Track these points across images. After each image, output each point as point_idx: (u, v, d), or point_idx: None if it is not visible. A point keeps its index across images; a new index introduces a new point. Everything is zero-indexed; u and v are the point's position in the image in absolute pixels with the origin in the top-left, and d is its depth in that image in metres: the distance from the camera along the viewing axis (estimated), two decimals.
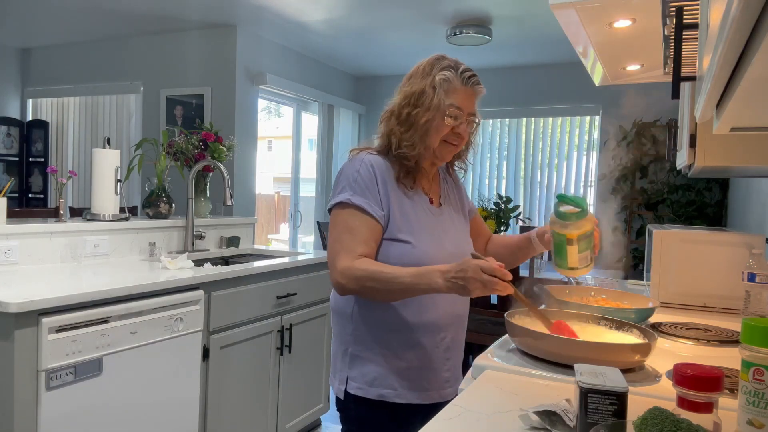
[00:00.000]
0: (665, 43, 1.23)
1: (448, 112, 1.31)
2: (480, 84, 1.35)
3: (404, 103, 1.34)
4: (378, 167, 1.35)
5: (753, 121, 0.71)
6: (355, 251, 1.28)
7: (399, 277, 1.22)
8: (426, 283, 1.20)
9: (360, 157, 1.37)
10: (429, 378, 1.36)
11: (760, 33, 0.44)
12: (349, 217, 1.31)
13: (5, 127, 5.31)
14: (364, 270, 1.24)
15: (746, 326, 0.73)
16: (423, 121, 1.31)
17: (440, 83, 1.31)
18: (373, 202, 1.31)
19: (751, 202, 2.93)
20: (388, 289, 1.24)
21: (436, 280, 1.18)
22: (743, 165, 1.38)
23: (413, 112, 1.32)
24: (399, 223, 1.33)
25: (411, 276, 1.21)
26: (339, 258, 1.28)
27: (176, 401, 2.07)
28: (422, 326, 1.34)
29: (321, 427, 3.07)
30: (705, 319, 1.69)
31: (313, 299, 2.83)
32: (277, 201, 7.36)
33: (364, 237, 1.29)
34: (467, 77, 1.33)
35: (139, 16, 4.32)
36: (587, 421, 0.77)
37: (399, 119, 1.35)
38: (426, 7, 3.84)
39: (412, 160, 1.35)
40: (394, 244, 1.32)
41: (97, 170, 2.48)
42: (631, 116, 4.86)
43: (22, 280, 1.91)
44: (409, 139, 1.33)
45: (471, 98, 1.34)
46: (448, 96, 1.31)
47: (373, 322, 1.34)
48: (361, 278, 1.24)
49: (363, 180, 1.32)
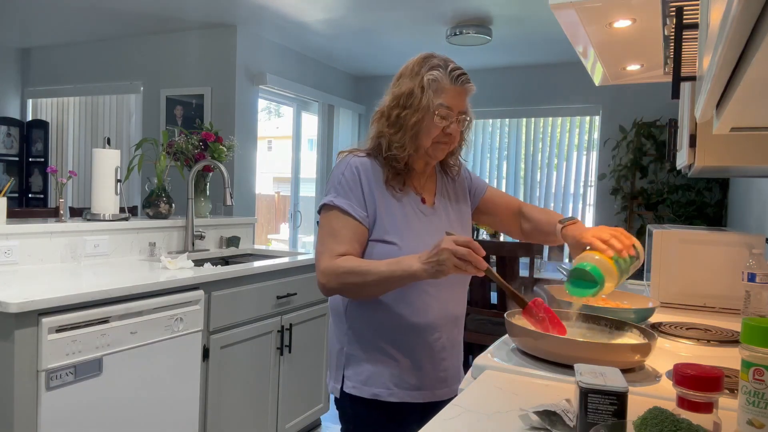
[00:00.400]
0: (665, 43, 1.23)
1: (438, 112, 1.30)
2: (470, 82, 1.34)
3: (393, 104, 1.34)
4: (364, 169, 1.34)
5: (753, 121, 0.71)
6: (335, 252, 1.29)
7: (376, 268, 1.23)
8: (402, 270, 1.20)
9: (346, 159, 1.37)
10: (423, 378, 1.36)
11: (760, 33, 0.44)
12: (333, 219, 1.32)
13: (5, 127, 5.31)
14: (342, 267, 1.25)
15: (746, 326, 0.73)
16: (412, 122, 1.31)
17: (429, 83, 1.30)
18: (356, 203, 1.32)
19: (751, 202, 2.93)
20: (366, 281, 1.24)
21: (411, 264, 1.18)
22: (743, 165, 1.37)
23: (402, 114, 1.32)
24: (386, 224, 1.32)
25: (387, 265, 1.22)
26: (321, 259, 1.30)
27: (176, 401, 2.07)
28: (416, 326, 1.33)
29: (321, 427, 3.07)
30: (705, 319, 1.69)
31: (313, 299, 2.83)
32: (277, 201, 7.36)
33: (346, 238, 1.30)
34: (456, 76, 1.31)
35: (139, 16, 4.32)
36: (587, 421, 0.77)
37: (389, 121, 1.34)
38: (426, 8, 3.84)
39: (402, 161, 1.35)
40: (380, 245, 1.32)
41: (97, 170, 2.48)
42: (631, 116, 4.86)
43: (22, 280, 1.91)
44: (399, 141, 1.33)
45: (461, 97, 1.33)
46: (437, 96, 1.30)
47: (366, 321, 1.35)
48: (340, 275, 1.25)
49: (347, 182, 1.33)
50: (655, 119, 4.73)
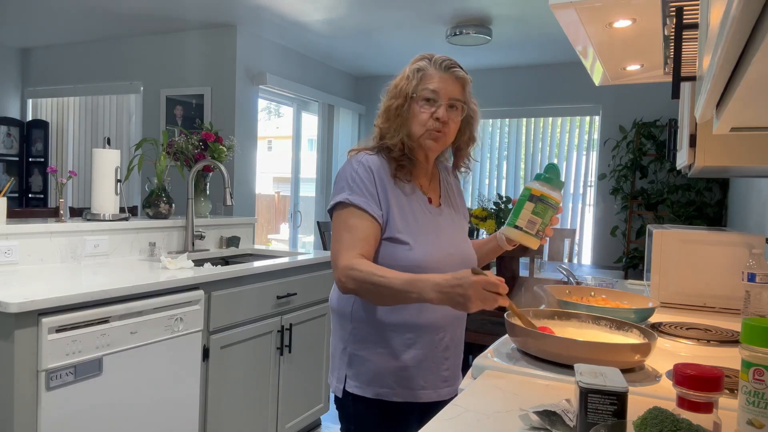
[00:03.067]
0: (665, 43, 1.23)
1: (422, 95, 1.33)
2: (456, 68, 1.36)
3: (385, 99, 1.40)
4: (375, 167, 1.36)
5: (753, 121, 0.71)
6: (354, 249, 1.29)
7: (391, 283, 1.21)
8: (417, 293, 1.19)
9: (358, 157, 1.38)
10: (427, 377, 1.36)
11: (760, 33, 0.44)
12: (349, 216, 1.32)
13: (5, 127, 5.32)
14: (362, 272, 1.24)
15: (746, 326, 0.73)
16: (395, 107, 1.35)
17: (413, 72, 1.35)
18: (372, 201, 1.32)
19: (751, 202, 2.93)
20: (380, 293, 1.24)
21: (428, 292, 1.18)
22: (743, 165, 1.37)
23: (389, 103, 1.37)
24: (398, 222, 1.33)
25: (403, 283, 1.21)
26: (340, 256, 1.29)
27: (176, 401, 2.07)
28: (421, 326, 1.34)
29: (321, 427, 3.07)
30: (705, 319, 1.69)
31: (313, 299, 2.83)
32: (277, 201, 7.36)
33: (363, 235, 1.30)
34: (441, 62, 1.35)
35: (139, 16, 4.32)
36: (587, 421, 0.77)
37: (381, 114, 1.40)
38: (426, 7, 3.84)
39: (397, 149, 1.36)
40: (393, 245, 1.32)
41: (97, 170, 2.48)
42: (631, 116, 4.86)
43: (22, 280, 1.91)
44: (388, 129, 1.37)
45: (447, 82, 1.34)
46: (422, 83, 1.34)
47: (372, 322, 1.35)
48: (358, 279, 1.25)
49: (361, 179, 1.33)
50: (655, 119, 4.73)
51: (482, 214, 3.81)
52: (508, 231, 1.36)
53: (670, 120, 2.01)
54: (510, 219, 1.36)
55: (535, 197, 1.33)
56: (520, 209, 1.34)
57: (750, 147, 1.32)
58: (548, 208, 1.33)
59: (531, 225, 1.33)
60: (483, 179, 5.59)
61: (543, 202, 1.32)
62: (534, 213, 1.32)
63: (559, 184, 1.34)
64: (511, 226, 1.35)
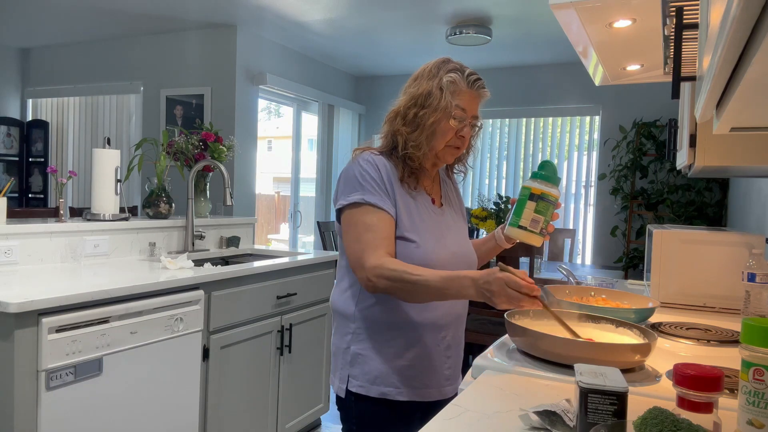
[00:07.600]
0: (665, 43, 1.23)
1: (454, 114, 1.32)
2: (485, 88, 1.37)
3: (410, 104, 1.35)
4: (383, 166, 1.35)
5: (753, 121, 0.71)
6: (379, 248, 1.27)
7: (427, 281, 1.21)
8: (456, 289, 1.19)
9: (364, 156, 1.37)
10: (430, 376, 1.37)
11: (760, 33, 0.44)
12: (366, 215, 1.31)
13: (5, 127, 5.31)
14: (393, 270, 1.23)
15: (746, 326, 0.73)
16: (430, 122, 1.32)
17: (447, 85, 1.32)
18: (387, 198, 1.32)
19: (751, 202, 2.93)
20: (416, 291, 1.23)
21: (467, 288, 1.17)
22: (743, 165, 1.37)
23: (420, 113, 1.33)
24: (405, 221, 1.34)
25: (441, 281, 1.20)
26: (365, 257, 1.27)
27: (176, 401, 2.07)
28: (424, 325, 1.35)
29: (321, 427, 3.07)
30: (705, 319, 1.69)
31: (313, 299, 2.83)
32: (277, 201, 7.36)
33: (385, 233, 1.30)
34: (473, 80, 1.34)
35: (139, 16, 4.32)
36: (587, 421, 0.77)
37: (405, 120, 1.35)
38: (426, 7, 3.84)
39: (417, 161, 1.36)
40: (401, 243, 1.33)
41: (97, 170, 2.48)
42: (631, 116, 4.86)
43: (22, 280, 1.91)
44: (415, 140, 1.34)
45: (475, 101, 1.36)
46: (453, 98, 1.32)
47: (375, 321, 1.35)
48: (391, 278, 1.23)
49: (372, 178, 1.33)
50: (655, 119, 4.73)
51: (482, 214, 3.81)
52: (512, 231, 1.36)
53: (670, 120, 2.01)
54: (512, 219, 1.36)
55: (535, 196, 1.33)
56: (521, 209, 1.35)
57: (750, 147, 1.32)
58: (549, 206, 1.34)
59: (534, 224, 1.34)
60: (483, 179, 5.59)
61: (544, 200, 1.33)
62: (536, 212, 1.33)
63: (557, 180, 1.35)
64: (515, 226, 1.35)
